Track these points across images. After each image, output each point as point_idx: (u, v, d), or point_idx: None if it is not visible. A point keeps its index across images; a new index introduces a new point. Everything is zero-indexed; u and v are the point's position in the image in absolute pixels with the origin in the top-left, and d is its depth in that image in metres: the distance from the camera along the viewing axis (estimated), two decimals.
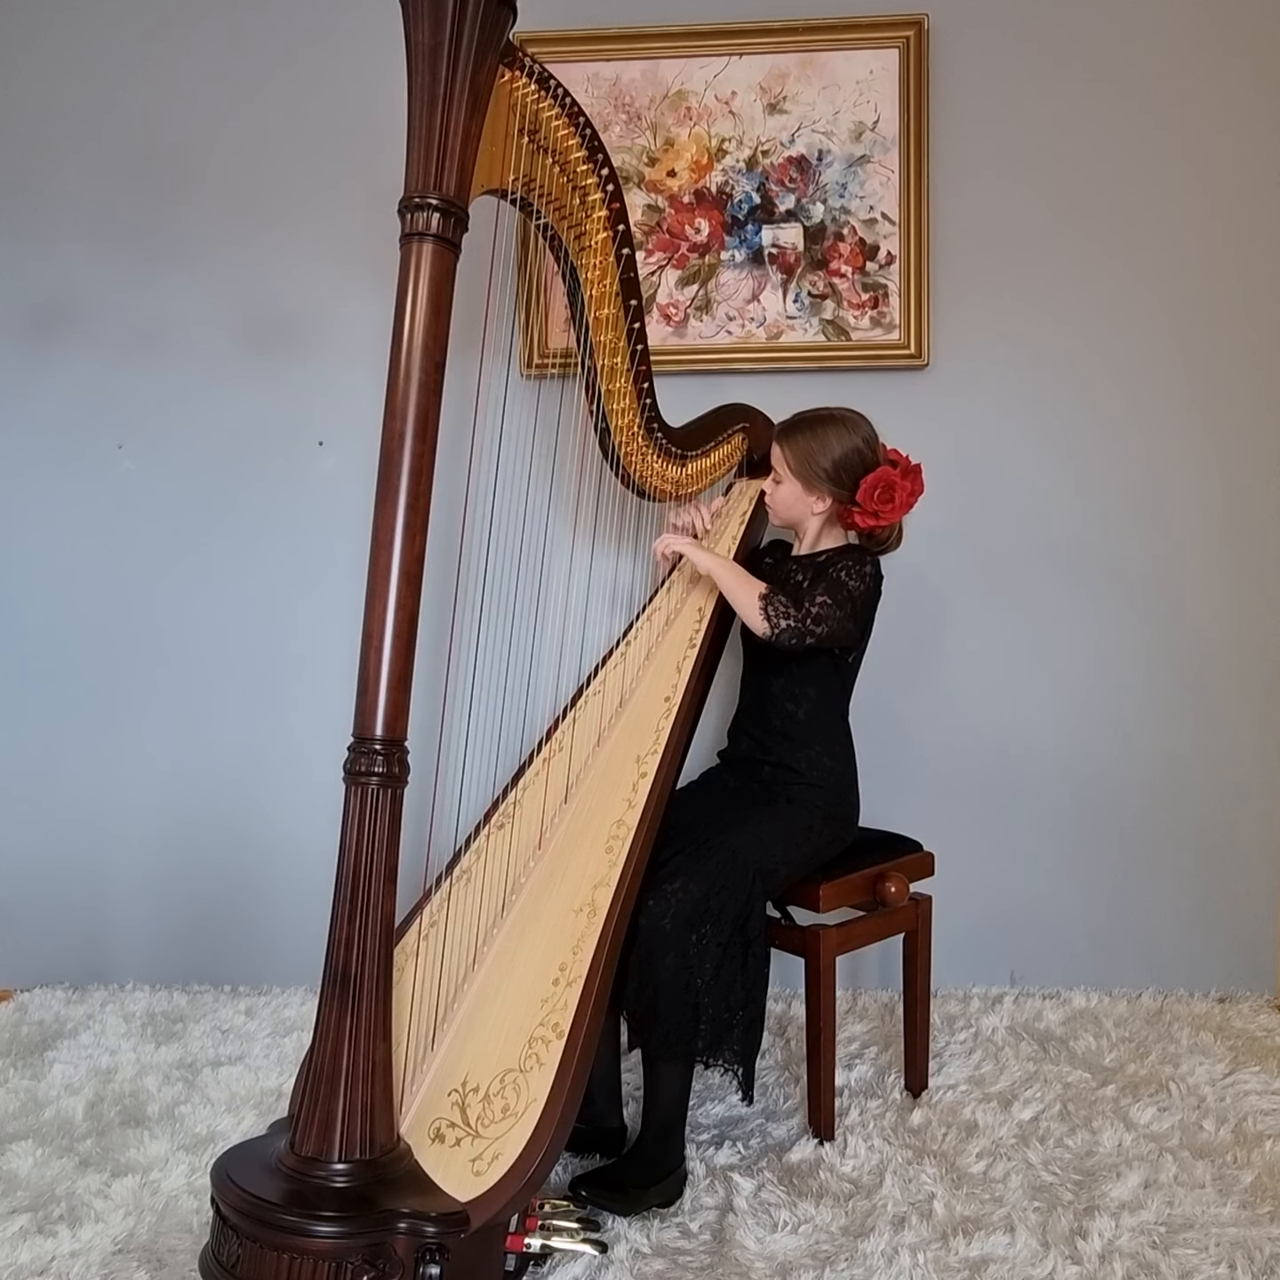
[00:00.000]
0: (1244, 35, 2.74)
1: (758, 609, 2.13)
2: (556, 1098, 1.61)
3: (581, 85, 2.78)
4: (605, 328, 2.09)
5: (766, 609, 2.12)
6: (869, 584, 2.20)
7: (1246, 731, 2.83)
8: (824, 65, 2.77)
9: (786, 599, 2.15)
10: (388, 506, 1.57)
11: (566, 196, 1.96)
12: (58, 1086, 2.36)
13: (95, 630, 2.94)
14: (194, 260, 2.89)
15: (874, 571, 2.22)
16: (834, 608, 2.15)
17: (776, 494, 2.33)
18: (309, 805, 2.86)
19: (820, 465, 2.24)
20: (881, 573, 2.26)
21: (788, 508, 2.32)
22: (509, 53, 1.70)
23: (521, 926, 1.89)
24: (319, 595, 2.90)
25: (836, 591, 2.16)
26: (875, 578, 2.23)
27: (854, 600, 2.17)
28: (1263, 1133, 2.13)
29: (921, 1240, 1.80)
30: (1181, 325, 2.79)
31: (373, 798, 1.54)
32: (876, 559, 2.26)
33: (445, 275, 1.61)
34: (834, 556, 2.28)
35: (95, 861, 2.96)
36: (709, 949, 1.91)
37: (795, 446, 2.26)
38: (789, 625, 2.12)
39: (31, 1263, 1.74)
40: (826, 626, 2.14)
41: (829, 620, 2.14)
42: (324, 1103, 1.52)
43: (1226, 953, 2.83)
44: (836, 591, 2.16)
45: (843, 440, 2.24)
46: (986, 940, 2.86)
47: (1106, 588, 2.83)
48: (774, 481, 2.33)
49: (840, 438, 2.24)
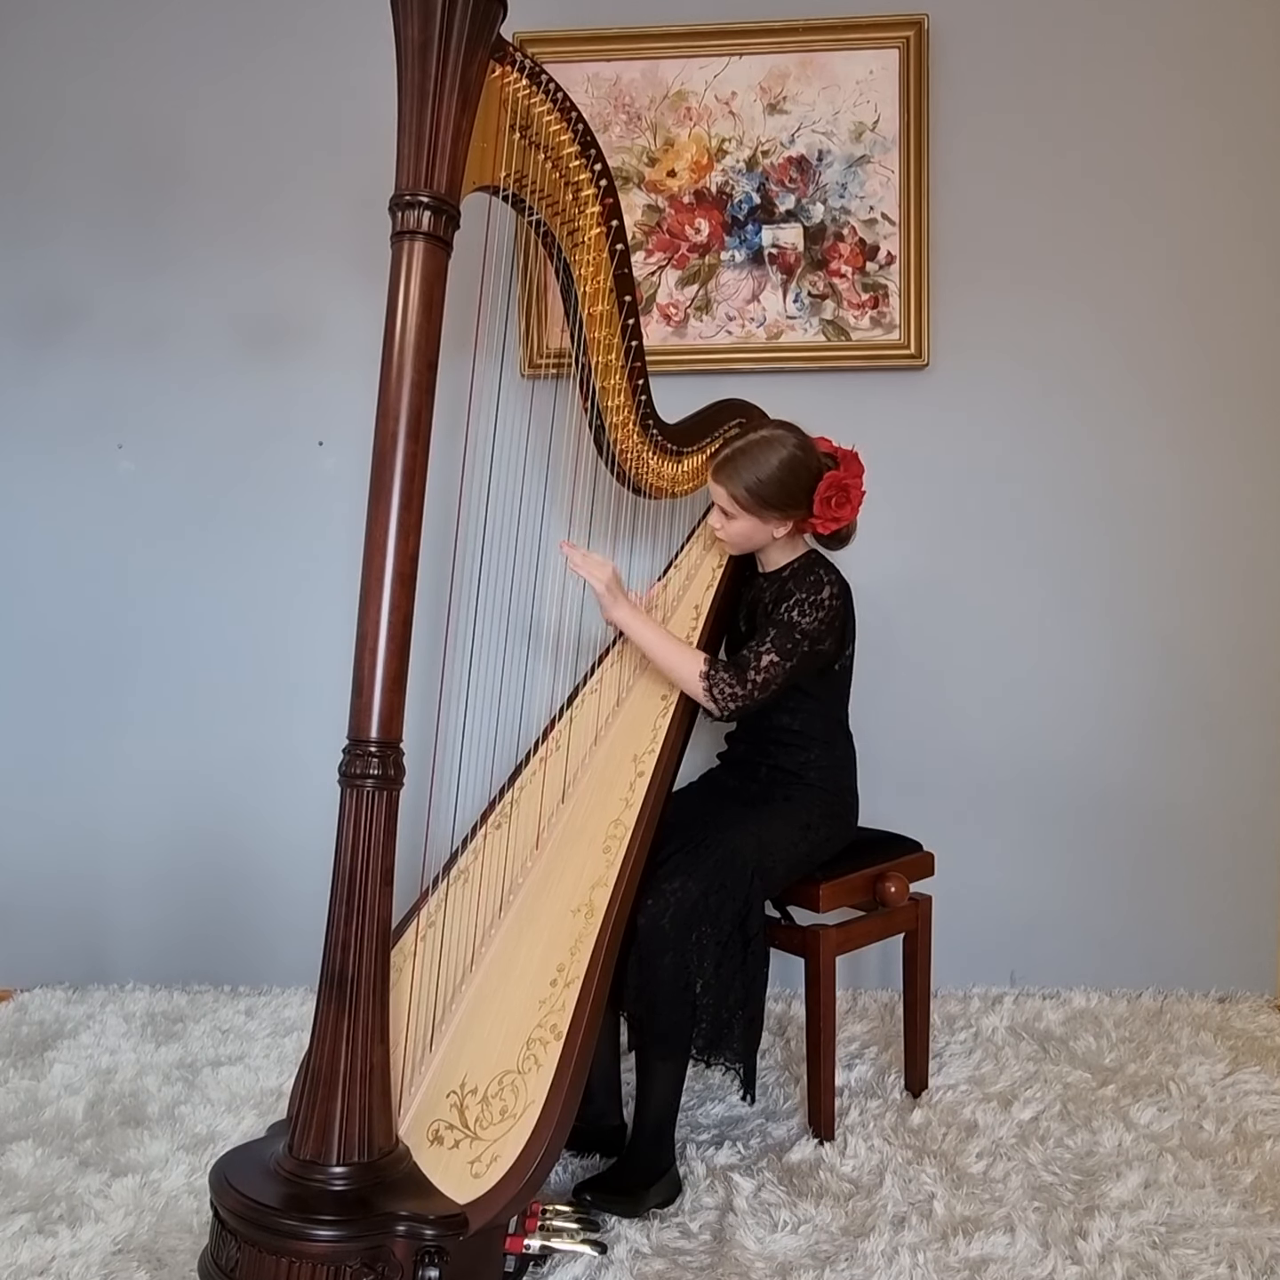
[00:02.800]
0: (1244, 36, 2.73)
1: (701, 691, 2.10)
2: (555, 1099, 1.61)
3: (581, 85, 2.78)
4: (599, 324, 2.08)
5: (712, 691, 2.09)
6: (829, 608, 2.13)
7: (1246, 732, 2.83)
8: (824, 65, 2.76)
9: (729, 673, 2.10)
10: (381, 507, 1.56)
11: (559, 192, 1.94)
12: (58, 1086, 2.36)
13: (95, 630, 2.94)
14: (194, 260, 2.89)
15: (833, 592, 2.15)
16: (781, 663, 2.10)
17: (731, 529, 2.21)
18: (308, 805, 2.85)
19: (768, 493, 2.14)
20: (845, 582, 2.20)
21: (747, 539, 2.23)
22: (499, 47, 1.68)
23: (519, 927, 1.89)
24: (319, 595, 2.90)
25: (785, 638, 2.10)
26: (837, 595, 2.15)
27: (808, 637, 2.11)
28: (1263, 1133, 2.13)
29: (921, 1240, 1.81)
30: (1181, 325, 2.79)
31: (368, 800, 1.54)
32: (836, 576, 2.18)
33: (437, 274, 1.60)
34: (795, 574, 2.21)
35: (95, 862, 2.96)
36: (708, 948, 1.91)
37: (735, 478, 2.15)
38: (738, 706, 2.10)
39: (31, 1263, 1.75)
40: (776, 685, 2.11)
41: (777, 679, 2.10)
42: (322, 1105, 1.52)
43: (1226, 953, 2.83)
44: (785, 638, 2.10)
45: (781, 458, 2.14)
46: (986, 940, 2.86)
47: (1106, 588, 2.83)
48: (726, 516, 2.21)
49: (778, 456, 2.14)
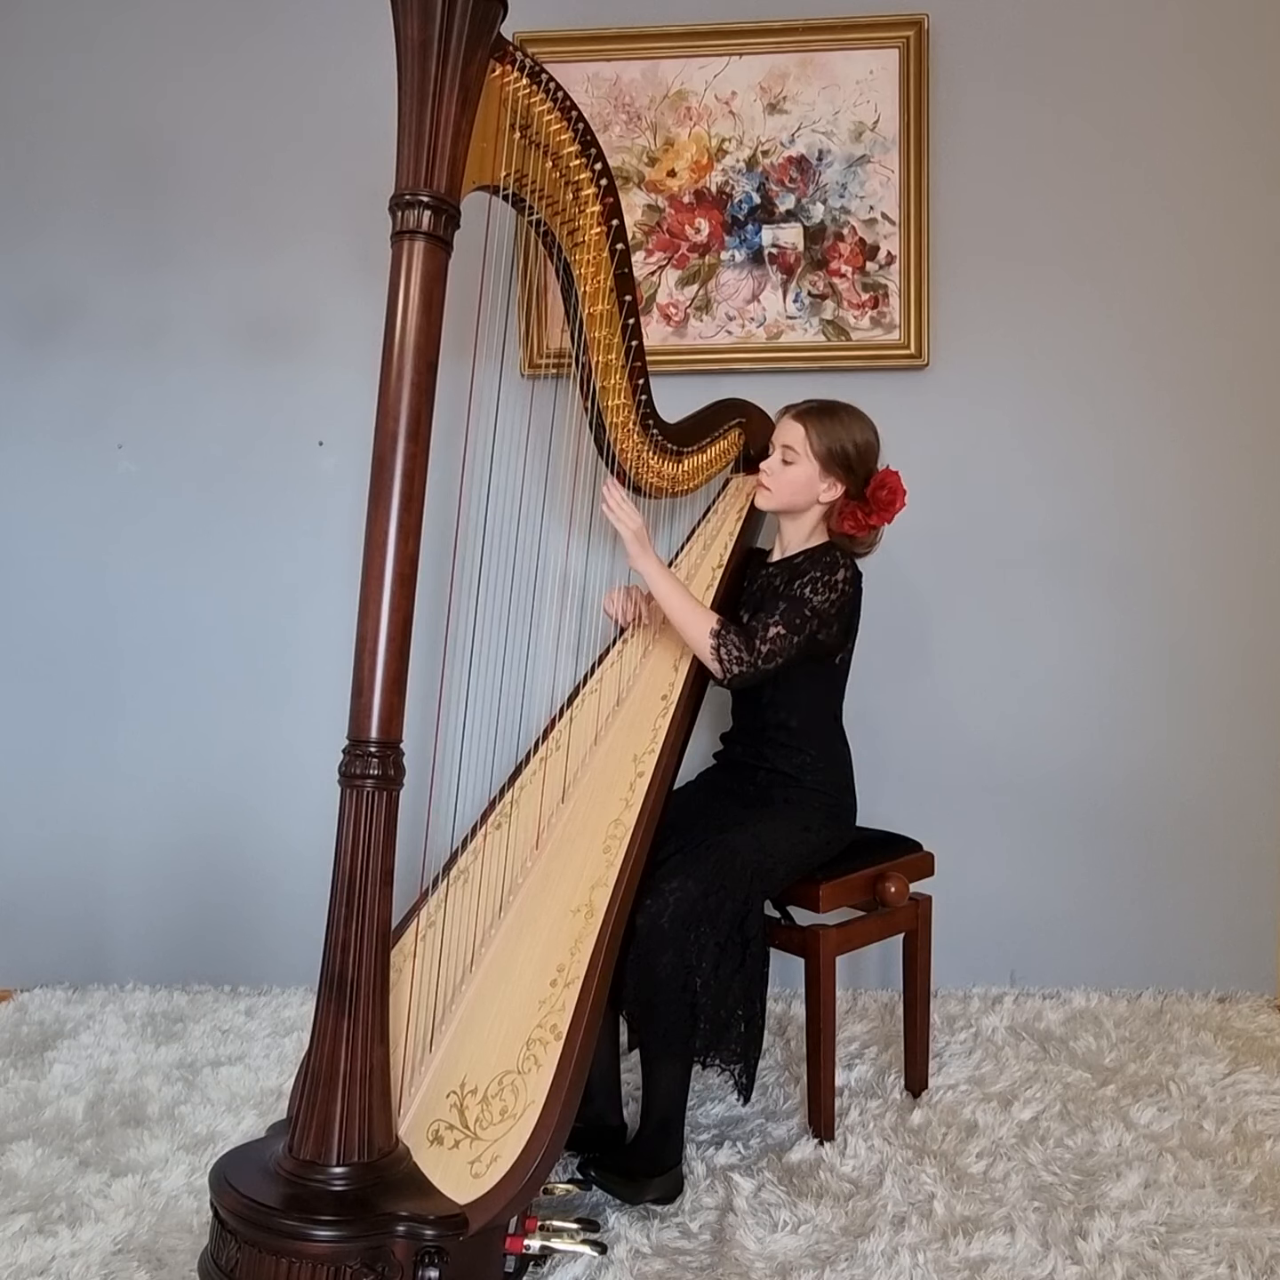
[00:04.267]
0: (1244, 36, 2.73)
1: (709, 649, 2.10)
2: (555, 1100, 1.61)
3: (581, 85, 2.78)
4: (599, 324, 2.07)
5: (719, 650, 2.09)
6: (841, 590, 2.14)
7: (1246, 732, 2.83)
8: (824, 65, 2.76)
9: (739, 638, 2.09)
10: (381, 508, 1.56)
11: (559, 191, 1.94)
12: (58, 1086, 2.36)
13: (94, 630, 2.94)
14: (194, 260, 2.89)
15: (847, 576, 2.16)
16: (789, 636, 2.10)
17: (785, 475, 2.23)
18: (309, 805, 2.86)
19: (844, 448, 2.19)
20: (860, 572, 2.21)
21: (794, 491, 2.23)
22: (499, 47, 1.68)
23: (519, 927, 1.89)
24: (319, 596, 2.90)
25: (795, 612, 2.11)
26: (850, 581, 2.17)
27: (818, 616, 2.12)
28: (1263, 1133, 2.13)
29: (921, 1240, 1.80)
30: (1181, 325, 2.78)
31: (368, 800, 1.54)
32: (851, 563, 2.20)
33: (437, 274, 1.59)
34: (809, 556, 2.23)
35: (96, 862, 2.96)
36: (707, 948, 1.91)
37: (821, 426, 2.20)
38: (741, 671, 2.09)
39: (31, 1263, 1.75)
40: (781, 658, 2.11)
41: (784, 652, 2.10)
42: (322, 1106, 1.52)
43: (1226, 953, 2.83)
44: (795, 612, 2.11)
45: (864, 431, 2.23)
46: (986, 940, 2.86)
47: (1106, 588, 2.83)
48: (783, 462, 2.23)
49: (862, 428, 2.23)
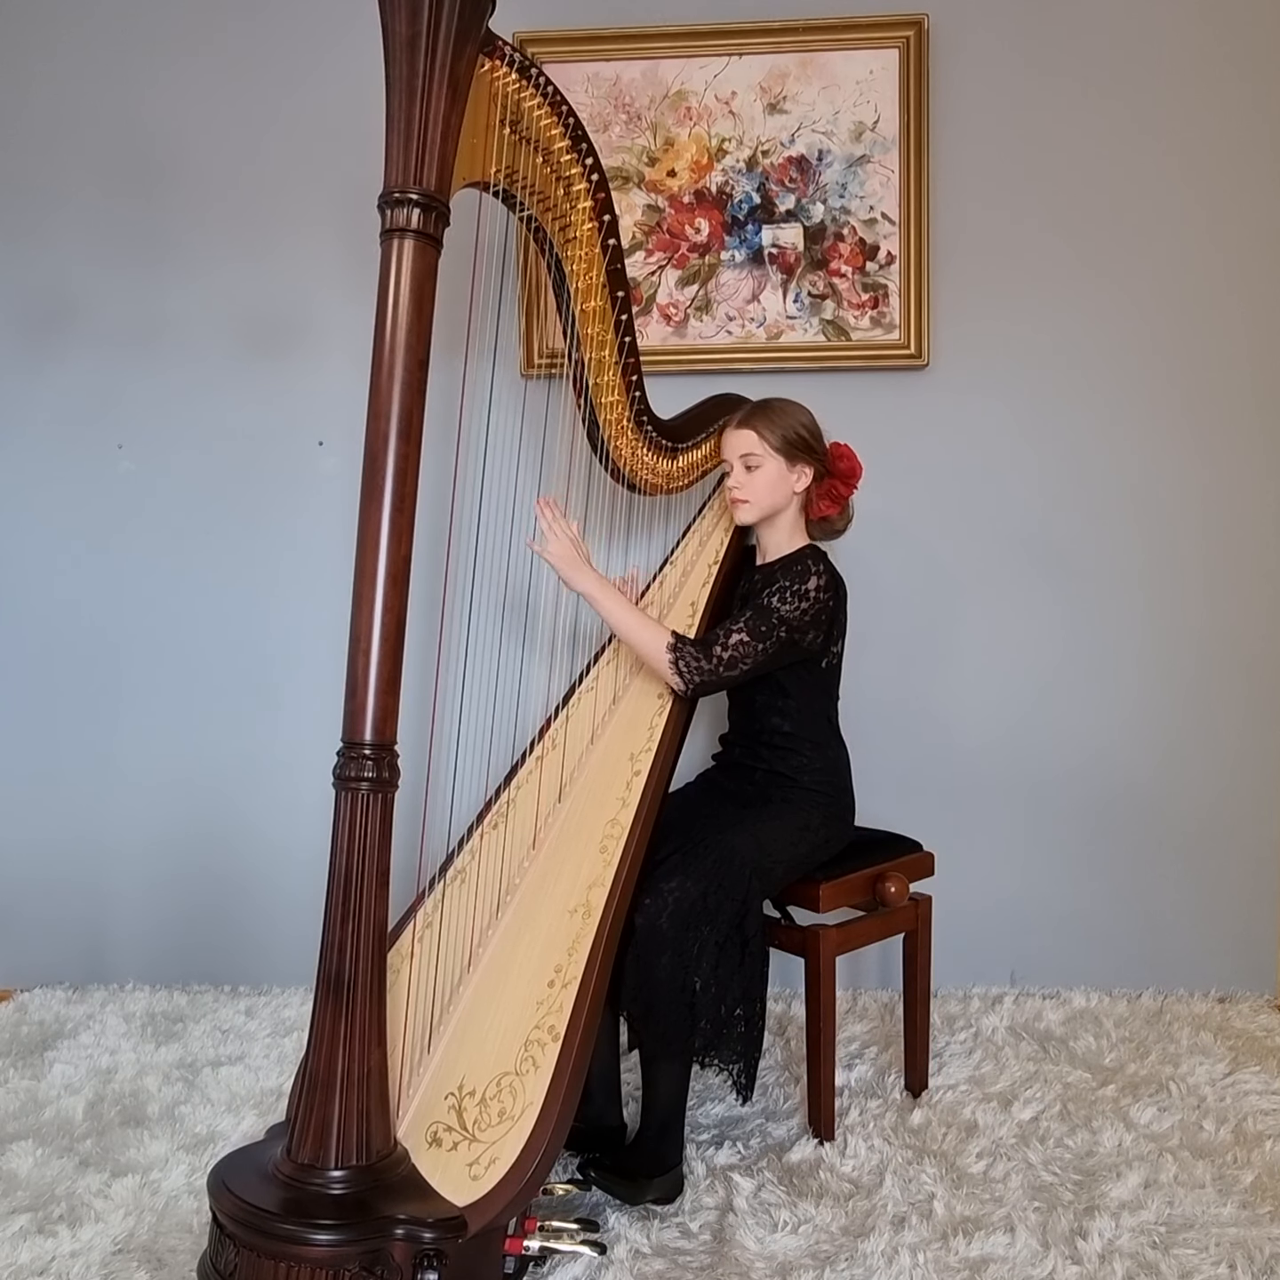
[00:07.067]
0: (1244, 37, 2.73)
1: (667, 664, 2.10)
2: (553, 1101, 1.61)
3: (581, 85, 2.78)
4: (592, 320, 2.06)
5: (678, 664, 2.09)
6: (814, 599, 2.12)
7: (1246, 732, 2.82)
8: (824, 65, 2.76)
9: (695, 648, 2.09)
10: (373, 508, 1.55)
11: (550, 187, 1.92)
12: (58, 1086, 2.37)
13: (94, 631, 2.94)
14: (194, 260, 2.89)
15: (820, 584, 2.13)
16: (752, 643, 2.09)
17: (756, 480, 2.22)
18: (305, 806, 2.85)
19: (797, 433, 2.21)
20: (838, 576, 2.20)
21: (771, 491, 2.22)
22: (488, 42, 1.66)
23: (517, 928, 1.89)
24: (318, 596, 2.90)
25: (761, 620, 2.10)
26: (825, 588, 2.14)
27: (786, 624, 2.10)
28: (1263, 1133, 2.13)
29: (921, 1240, 1.80)
30: (1180, 325, 2.78)
31: (363, 803, 1.53)
32: (826, 569, 2.17)
33: (427, 272, 1.58)
34: (784, 565, 2.22)
35: (95, 862, 2.96)
36: (706, 948, 1.91)
37: (768, 422, 2.21)
38: (703, 680, 2.10)
39: (31, 1263, 1.75)
40: (746, 665, 2.10)
41: (747, 659, 2.10)
42: (319, 1109, 1.52)
43: (1226, 953, 2.83)
44: (761, 620, 2.10)
45: (803, 412, 2.25)
46: (986, 940, 2.86)
47: (1105, 588, 2.82)
48: (747, 469, 2.22)
49: (800, 410, 2.25)
